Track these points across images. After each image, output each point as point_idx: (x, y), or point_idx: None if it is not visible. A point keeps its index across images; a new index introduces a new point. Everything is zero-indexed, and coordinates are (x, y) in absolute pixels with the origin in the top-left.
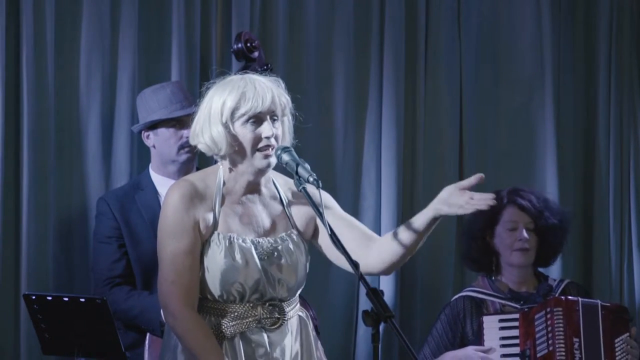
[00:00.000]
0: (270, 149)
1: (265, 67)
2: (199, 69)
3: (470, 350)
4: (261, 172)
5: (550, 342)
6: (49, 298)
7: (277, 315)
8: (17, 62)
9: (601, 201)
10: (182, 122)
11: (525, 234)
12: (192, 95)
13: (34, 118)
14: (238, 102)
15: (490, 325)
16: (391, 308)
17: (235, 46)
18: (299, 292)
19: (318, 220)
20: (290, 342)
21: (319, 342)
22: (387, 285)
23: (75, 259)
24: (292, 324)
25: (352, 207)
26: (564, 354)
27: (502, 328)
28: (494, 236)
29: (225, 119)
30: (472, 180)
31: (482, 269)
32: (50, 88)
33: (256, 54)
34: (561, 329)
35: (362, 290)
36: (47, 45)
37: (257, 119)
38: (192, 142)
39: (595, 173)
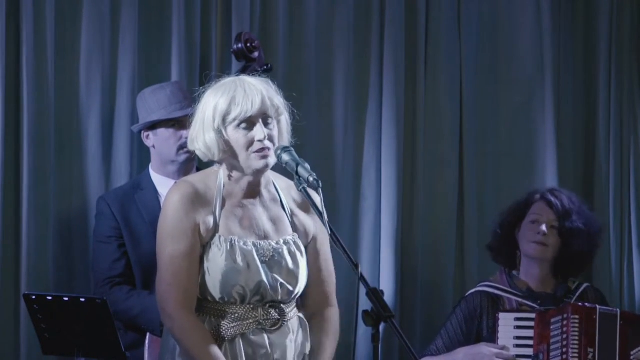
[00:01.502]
0: (265, 150)
1: (265, 67)
2: (199, 70)
3: (483, 347)
4: (260, 172)
5: (564, 349)
6: (49, 298)
7: (277, 317)
8: (17, 62)
9: (601, 201)
10: (181, 123)
11: (544, 228)
12: (192, 95)
13: (34, 118)
14: (229, 107)
15: (506, 322)
16: (391, 308)
17: (235, 46)
18: (299, 294)
19: (313, 232)
20: (290, 343)
21: None
22: (387, 285)
23: (75, 259)
24: (293, 324)
25: (352, 207)
26: None
27: (517, 327)
28: (520, 229)
29: (217, 125)
30: None
31: (503, 260)
32: (50, 88)
33: (256, 54)
34: (576, 338)
35: (362, 290)
36: (47, 45)
37: (248, 123)
38: (190, 148)
39: (595, 173)
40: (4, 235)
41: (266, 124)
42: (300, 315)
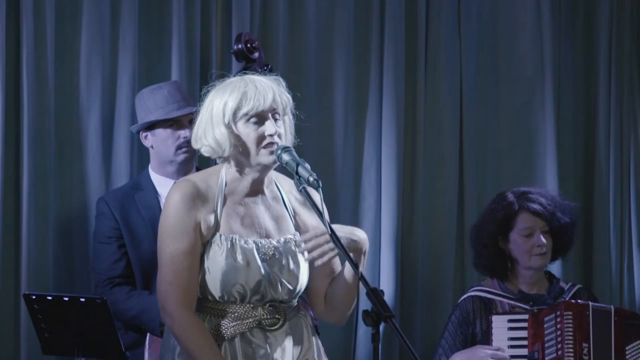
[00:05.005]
0: (274, 146)
1: (265, 68)
2: (199, 70)
3: (478, 349)
4: (267, 168)
5: (559, 346)
6: (49, 298)
7: (277, 316)
8: (17, 62)
9: (601, 201)
10: (179, 123)
11: (542, 239)
12: (192, 95)
13: (34, 118)
14: (240, 102)
15: (499, 325)
16: (391, 308)
17: (235, 47)
18: (300, 294)
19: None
20: (290, 343)
21: (319, 342)
22: (387, 285)
23: (75, 259)
24: (293, 324)
25: (352, 207)
26: (572, 359)
27: (511, 328)
28: (508, 242)
29: (228, 120)
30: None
31: (495, 275)
32: (50, 88)
33: (256, 54)
34: (570, 333)
35: (362, 290)
36: (47, 45)
37: (259, 118)
38: (195, 146)
39: (595, 173)
40: (4, 235)
41: (275, 121)
42: (301, 314)
